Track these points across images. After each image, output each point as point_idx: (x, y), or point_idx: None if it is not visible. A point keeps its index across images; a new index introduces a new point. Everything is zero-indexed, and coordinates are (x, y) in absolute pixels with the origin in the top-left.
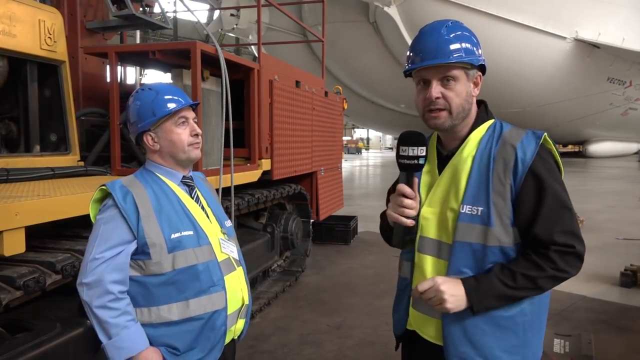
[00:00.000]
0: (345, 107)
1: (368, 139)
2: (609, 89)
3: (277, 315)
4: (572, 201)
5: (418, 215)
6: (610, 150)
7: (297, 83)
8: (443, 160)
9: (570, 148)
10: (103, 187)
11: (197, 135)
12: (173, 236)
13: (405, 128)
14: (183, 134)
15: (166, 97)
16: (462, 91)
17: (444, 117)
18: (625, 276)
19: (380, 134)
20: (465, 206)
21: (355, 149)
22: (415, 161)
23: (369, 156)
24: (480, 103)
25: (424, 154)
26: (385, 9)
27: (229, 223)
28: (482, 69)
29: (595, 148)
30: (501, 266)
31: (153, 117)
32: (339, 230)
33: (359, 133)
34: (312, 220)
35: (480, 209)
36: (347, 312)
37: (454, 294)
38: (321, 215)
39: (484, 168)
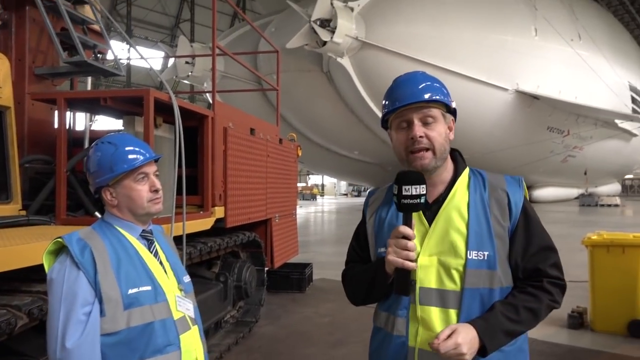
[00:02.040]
0: (300, 154)
1: (323, 185)
2: (549, 137)
3: None
4: None
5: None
6: (553, 195)
7: (252, 130)
8: (427, 206)
9: None
10: (59, 239)
11: (156, 191)
12: (130, 292)
13: (360, 174)
14: (142, 190)
15: (126, 151)
16: (442, 131)
17: (429, 157)
18: (572, 318)
19: (335, 180)
20: (471, 252)
21: (310, 195)
22: (418, 200)
23: (324, 202)
24: (454, 150)
25: (424, 192)
26: (339, 59)
27: (187, 278)
28: (454, 115)
29: (540, 193)
30: (501, 302)
31: (111, 174)
32: (294, 277)
33: (314, 179)
34: (266, 268)
35: (486, 253)
36: None
37: (468, 340)
38: (276, 263)
39: (482, 213)
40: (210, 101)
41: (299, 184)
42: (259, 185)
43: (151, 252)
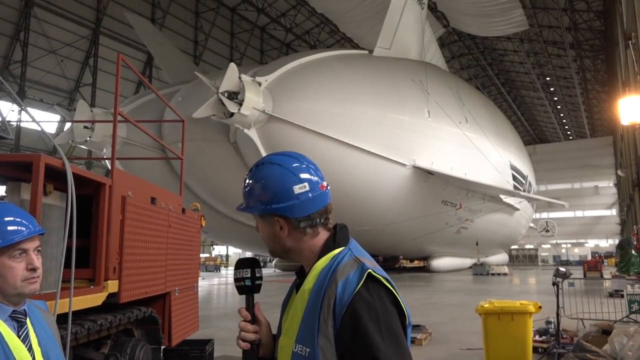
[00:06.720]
0: (204, 224)
1: (227, 256)
2: (443, 210)
3: None
4: (420, 315)
5: (259, 341)
6: (449, 265)
7: (153, 200)
8: (298, 288)
9: (416, 263)
10: None
11: (34, 269)
12: None
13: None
14: (17, 267)
15: (4, 224)
16: (264, 234)
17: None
18: None
19: (239, 250)
20: (297, 345)
21: (214, 267)
22: (242, 282)
23: (228, 274)
24: (336, 229)
25: (248, 275)
26: (246, 131)
27: None
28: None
29: (437, 263)
30: None
31: None
32: (193, 356)
33: (218, 250)
34: (163, 347)
35: (308, 350)
36: None
37: None
38: (174, 341)
39: (316, 305)
40: (110, 168)
41: (202, 255)
42: (159, 257)
43: (20, 336)
